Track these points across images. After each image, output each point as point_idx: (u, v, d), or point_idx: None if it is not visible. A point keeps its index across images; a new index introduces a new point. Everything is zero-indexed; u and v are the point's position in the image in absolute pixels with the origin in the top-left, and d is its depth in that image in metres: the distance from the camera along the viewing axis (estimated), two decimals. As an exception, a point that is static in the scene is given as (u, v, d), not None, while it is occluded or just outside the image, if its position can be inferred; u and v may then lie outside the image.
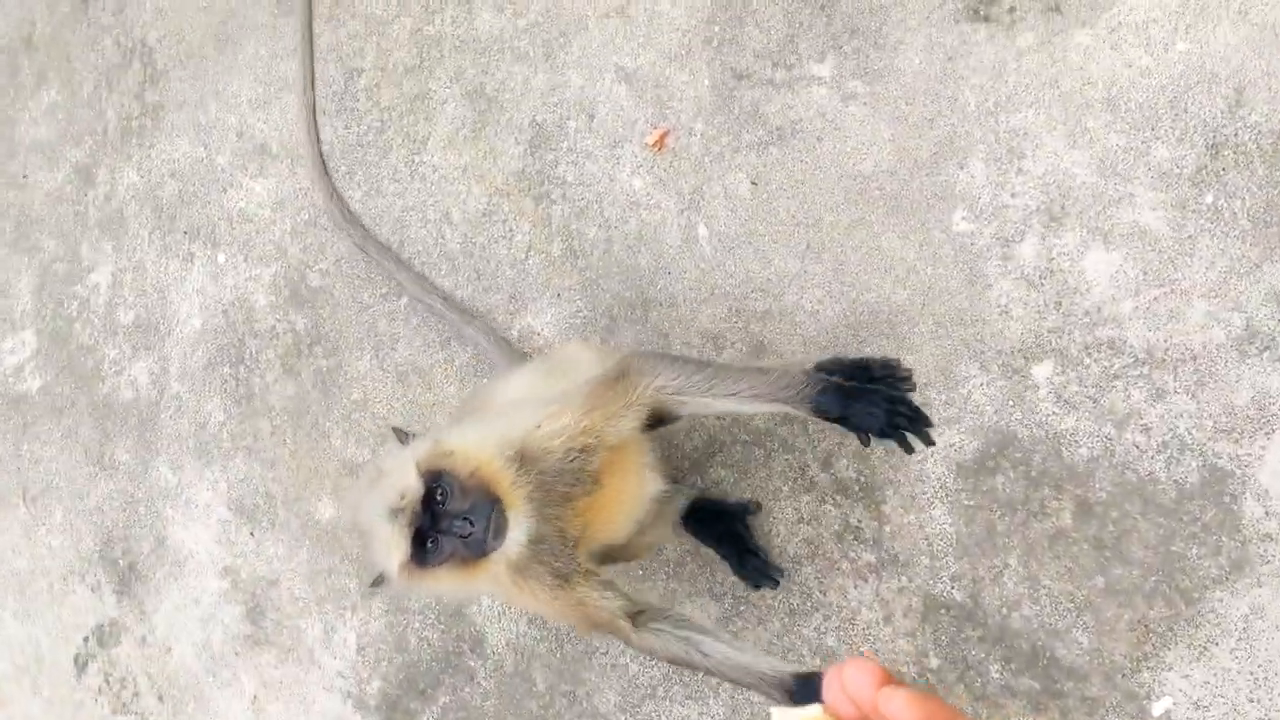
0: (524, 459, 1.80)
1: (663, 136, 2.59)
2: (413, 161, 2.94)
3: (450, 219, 2.88)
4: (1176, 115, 2.10)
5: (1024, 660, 2.20)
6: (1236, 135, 2.05)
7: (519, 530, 1.75)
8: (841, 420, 1.83)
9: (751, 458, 2.48)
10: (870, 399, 1.80)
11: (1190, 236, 2.08)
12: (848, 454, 2.37)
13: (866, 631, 2.34)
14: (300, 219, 3.11)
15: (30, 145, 3.73)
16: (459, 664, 2.82)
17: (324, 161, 3.04)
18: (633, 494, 2.05)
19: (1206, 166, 2.07)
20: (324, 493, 3.04)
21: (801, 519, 2.42)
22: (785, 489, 2.44)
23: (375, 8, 3.02)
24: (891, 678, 0.82)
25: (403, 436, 1.97)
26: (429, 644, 2.87)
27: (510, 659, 2.75)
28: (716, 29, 2.55)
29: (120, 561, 3.44)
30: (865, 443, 1.84)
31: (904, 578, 2.32)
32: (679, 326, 2.56)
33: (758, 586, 2.42)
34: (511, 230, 2.79)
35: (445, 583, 1.79)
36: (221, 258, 3.26)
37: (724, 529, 2.42)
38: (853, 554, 2.37)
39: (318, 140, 3.03)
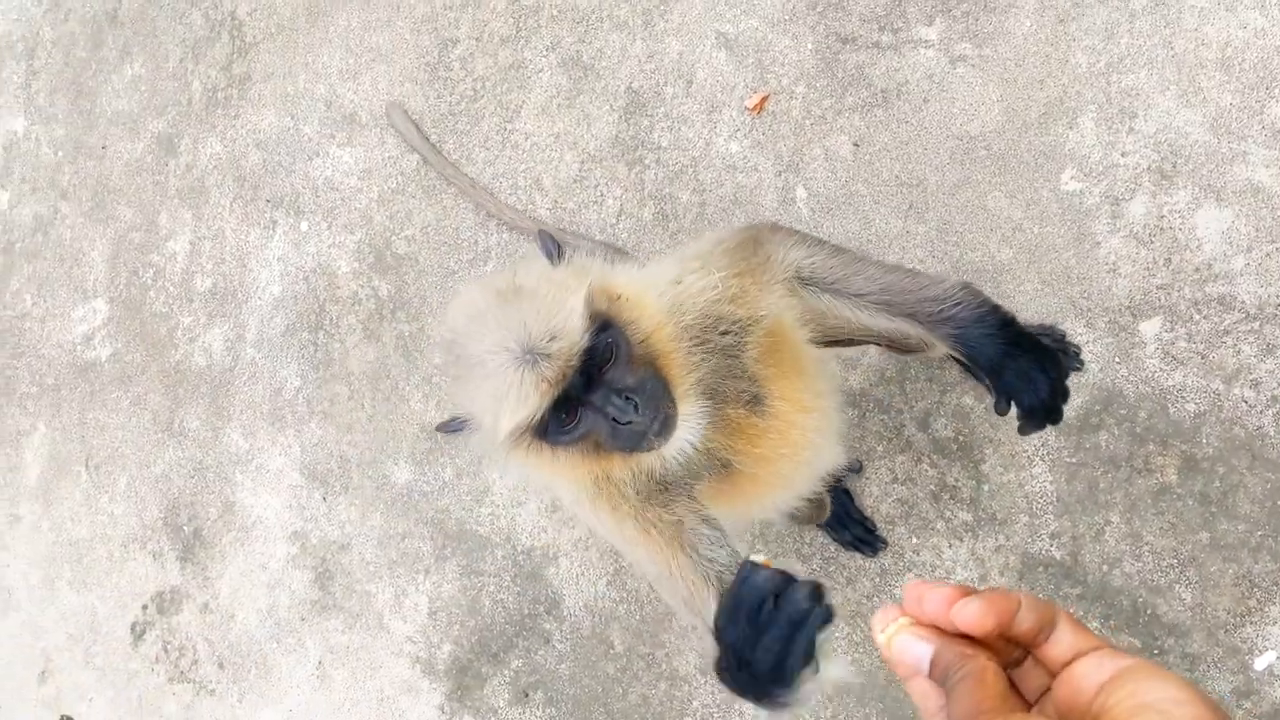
0: (681, 329, 1.42)
1: (763, 100, 2.62)
2: (505, 129, 2.97)
3: (541, 185, 2.91)
4: (1293, 74, 2.13)
5: (1124, 617, 2.18)
6: (1355, 93, 2.07)
7: (687, 433, 1.38)
8: (993, 372, 1.45)
9: (845, 419, 2.48)
10: (1037, 360, 1.43)
11: (1306, 192, 2.09)
12: (946, 413, 2.37)
13: (962, 591, 2.32)
14: (388, 186, 3.14)
15: (111, 117, 3.77)
16: (534, 626, 2.80)
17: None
18: (807, 449, 1.59)
19: (1323, 124, 2.09)
20: (400, 456, 3.04)
21: (896, 479, 2.41)
22: (880, 449, 2.43)
23: (472, -21, 3.08)
24: (964, 591, 0.85)
25: (552, 247, 1.45)
26: (504, 607, 2.85)
27: (588, 621, 2.73)
28: (822, -5, 2.59)
29: (185, 528, 3.43)
30: (1002, 410, 1.46)
31: (1001, 536, 2.31)
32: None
33: (856, 549, 2.40)
34: (603, 195, 2.81)
35: (558, 464, 1.40)
36: (305, 225, 3.29)
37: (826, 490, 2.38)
38: (948, 513, 2.36)
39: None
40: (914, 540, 2.39)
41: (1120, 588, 2.18)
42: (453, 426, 1.44)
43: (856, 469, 2.42)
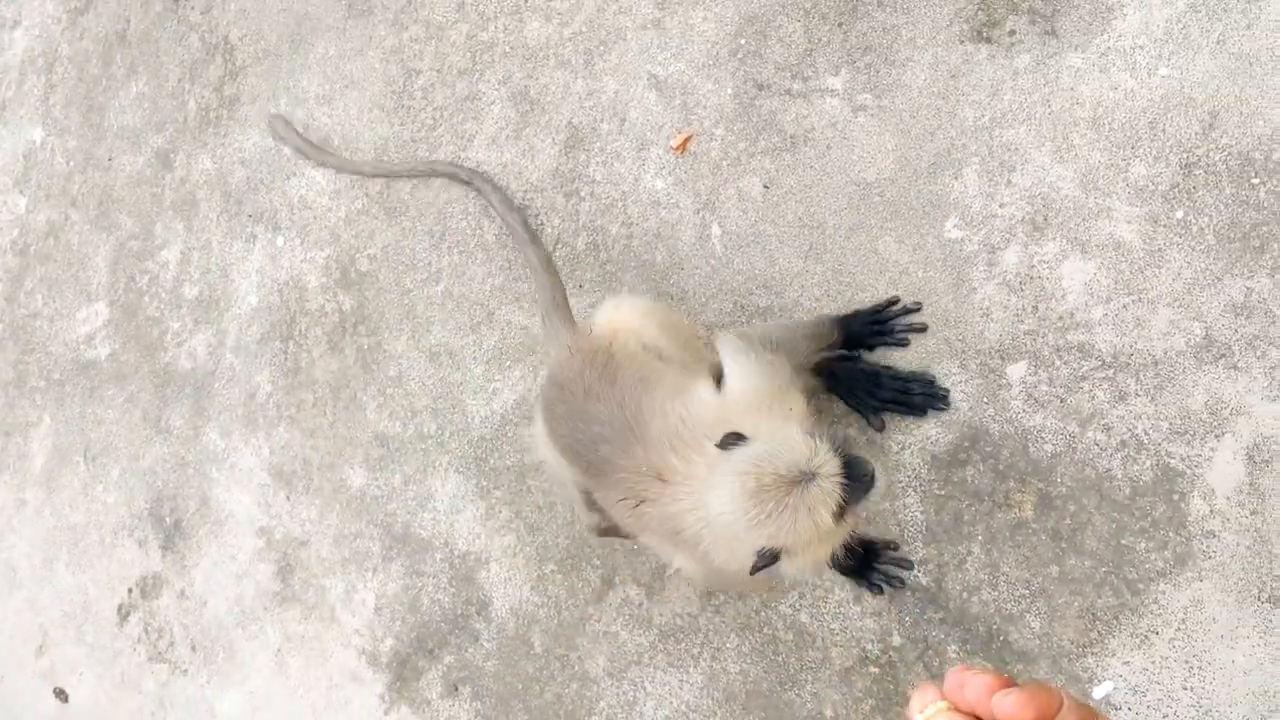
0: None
1: (686, 140, 2.78)
2: (459, 158, 3.16)
3: (489, 212, 3.09)
4: (1155, 135, 2.24)
5: (979, 641, 2.31)
6: (1208, 156, 2.18)
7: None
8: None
9: None
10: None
11: (1160, 249, 2.21)
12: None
13: (838, 609, 2.48)
14: (354, 207, 3.35)
15: (117, 131, 4.03)
16: (465, 626, 3.00)
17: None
18: None
19: (1179, 184, 2.20)
20: (356, 461, 3.25)
21: (789, 502, 2.56)
22: (776, 474, 2.58)
23: (436, 14, 3.27)
24: (1006, 682, 0.87)
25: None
26: (440, 606, 3.05)
27: (512, 623, 2.92)
28: (743, 42, 2.74)
29: (167, 519, 3.68)
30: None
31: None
32: (687, 319, 2.73)
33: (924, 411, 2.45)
34: (542, 223, 2.99)
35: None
36: (280, 241, 3.51)
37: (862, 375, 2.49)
38: (834, 538, 2.50)
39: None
40: (801, 561, 2.54)
41: (978, 614, 2.32)
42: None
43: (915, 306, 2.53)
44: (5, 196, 4.40)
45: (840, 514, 1.78)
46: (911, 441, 2.42)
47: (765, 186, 2.67)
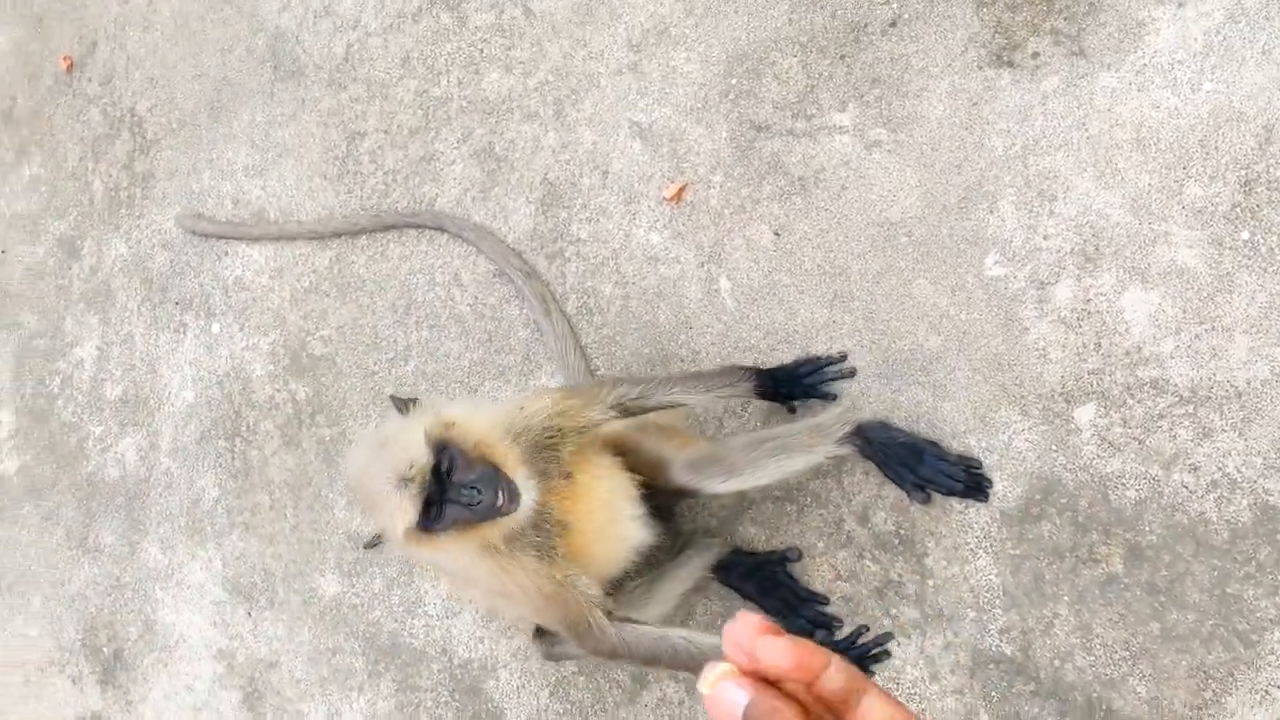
0: (510, 434, 1.97)
1: (681, 190, 2.57)
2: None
3: (460, 280, 2.83)
4: (1208, 154, 2.11)
5: (1080, 713, 2.13)
6: (1269, 171, 2.06)
7: (528, 495, 1.88)
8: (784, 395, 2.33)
9: (783, 513, 2.42)
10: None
11: (1228, 273, 2.07)
12: (885, 506, 2.32)
13: (912, 690, 2.27)
14: (301, 285, 3.04)
15: (10, 219, 3.63)
16: (476, 743, 2.69)
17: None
18: (607, 506, 2.13)
19: (1241, 203, 2.07)
20: (327, 567, 2.92)
21: (839, 575, 2.35)
22: (820, 545, 2.37)
23: (377, 71, 3.00)
24: (774, 629, 0.86)
25: (402, 406, 2.01)
26: (442, 723, 2.74)
27: (530, 735, 2.63)
28: (734, 82, 2.54)
29: (105, 649, 3.28)
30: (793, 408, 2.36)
31: (949, 633, 2.25)
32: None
33: (812, 634, 2.33)
34: (523, 289, 2.73)
35: (446, 548, 1.92)
36: (216, 328, 3.17)
37: (765, 579, 2.34)
38: (894, 610, 2.30)
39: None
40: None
41: (1074, 683, 2.13)
42: (374, 542, 2.00)
43: (794, 558, 2.36)
44: (-122, 300, 3.94)
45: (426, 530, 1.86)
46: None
47: (776, 234, 2.47)
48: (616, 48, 2.69)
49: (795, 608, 2.33)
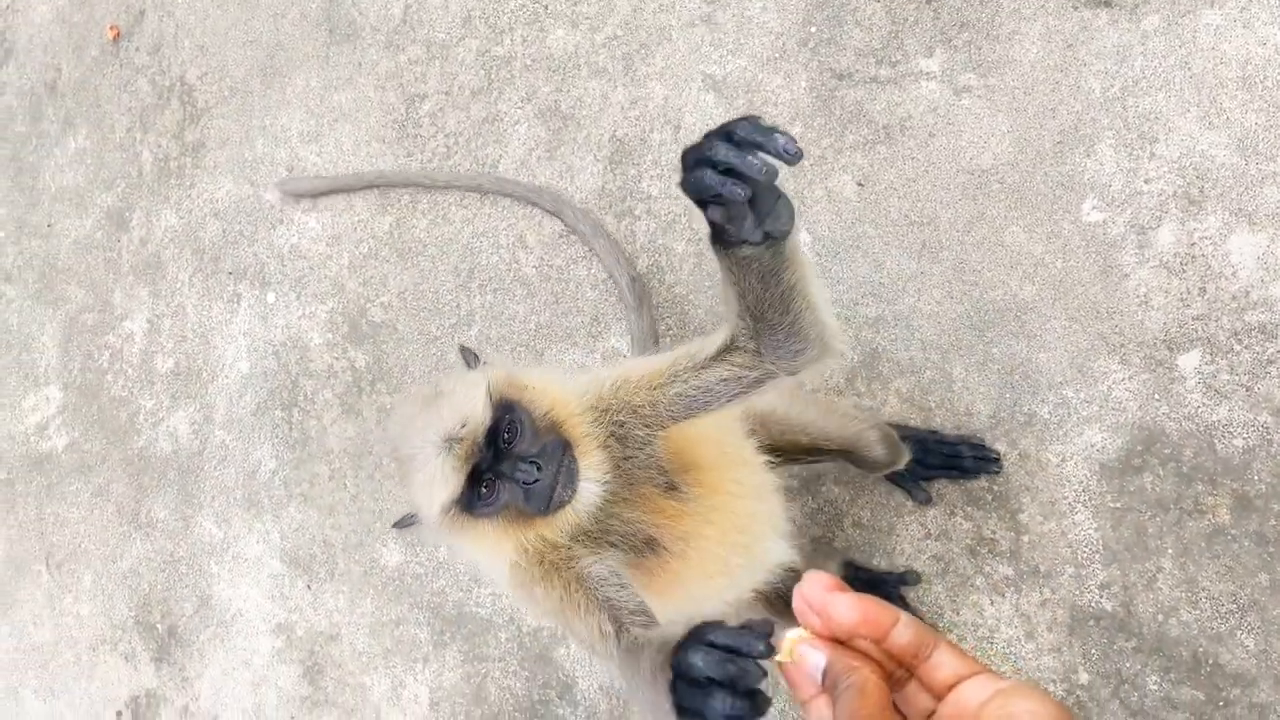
0: (598, 411, 1.54)
1: (758, 143, 2.49)
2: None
3: (525, 242, 2.76)
4: (1319, 89, 2.04)
5: (1185, 669, 2.05)
6: (1387, 106, 1.99)
7: (593, 484, 1.47)
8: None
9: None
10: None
11: (1344, 212, 2.00)
12: (978, 461, 2.24)
13: (1007, 649, 2.19)
14: (359, 251, 2.98)
15: (56, 193, 3.58)
16: (546, 713, 2.62)
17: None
18: (736, 533, 1.68)
19: (1356, 139, 2.00)
20: (389, 537, 2.86)
21: (929, 534, 2.28)
22: (909, 503, 2.30)
23: (438, 32, 2.93)
24: (841, 585, 0.90)
25: (470, 359, 1.66)
26: (511, 694, 2.67)
27: (604, 704, 2.56)
28: (813, 30, 2.47)
29: (159, 626, 3.22)
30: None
31: (1046, 590, 2.18)
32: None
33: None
34: (592, 248, 2.67)
35: (487, 539, 1.51)
36: (271, 297, 3.11)
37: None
38: (988, 568, 2.22)
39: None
40: (953, 599, 2.25)
41: (1178, 638, 2.06)
42: (406, 521, 1.58)
43: (911, 581, 2.28)
44: (-79, 279, 3.89)
45: (466, 507, 1.47)
46: (1073, 451, 2.16)
47: (859, 184, 2.40)
48: (688, -1, 2.62)
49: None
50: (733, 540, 1.67)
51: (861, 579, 2.28)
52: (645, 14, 2.68)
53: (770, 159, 1.17)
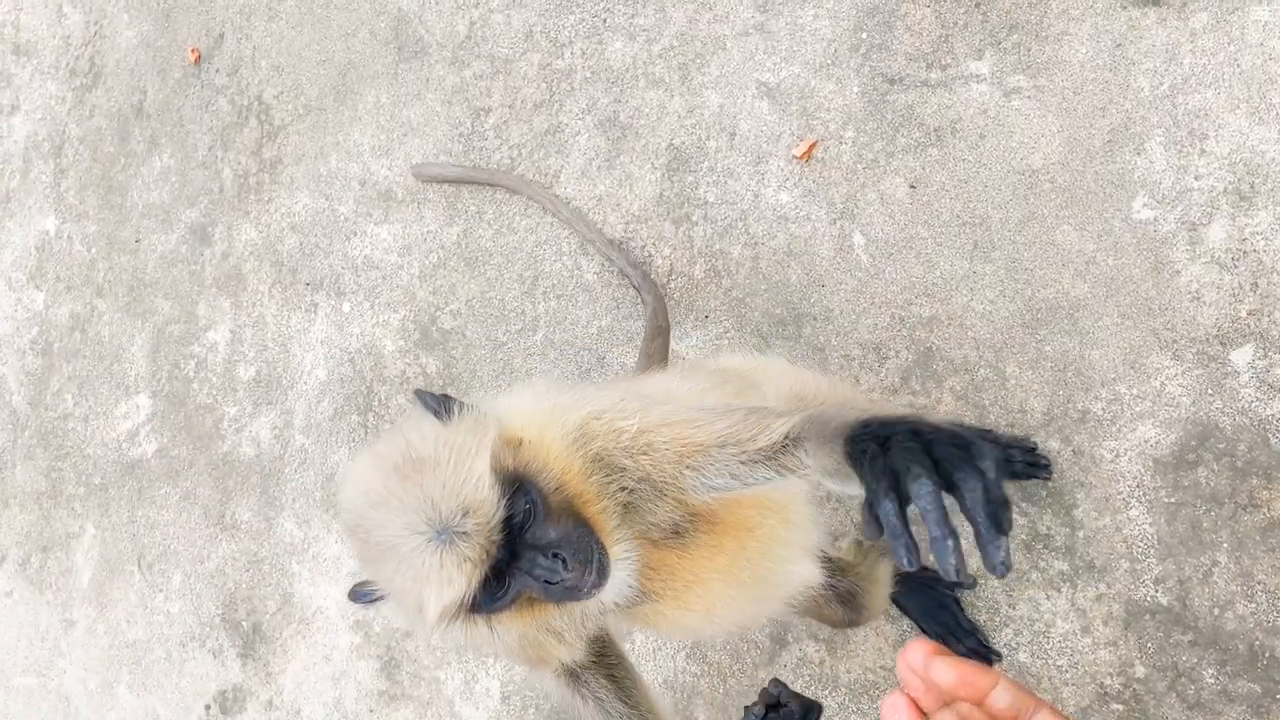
0: (595, 461, 1.32)
1: (811, 147, 2.55)
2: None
3: (586, 250, 2.84)
4: (1371, 83, 2.04)
5: (1241, 662, 2.06)
6: None
7: (624, 573, 1.29)
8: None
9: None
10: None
11: (1398, 204, 2.00)
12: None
13: (1063, 643, 2.22)
14: (429, 261, 3.09)
15: (143, 210, 3.75)
16: (614, 706, 2.70)
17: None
18: (754, 561, 1.47)
19: None
20: (461, 536, 2.96)
21: (984, 529, 2.31)
22: (964, 499, 2.33)
23: (501, 47, 3.03)
24: (942, 650, 0.94)
25: (435, 405, 1.34)
26: (580, 687, 2.75)
27: (668, 698, 2.63)
28: (864, 35, 2.52)
29: (244, 623, 3.36)
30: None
31: (1102, 584, 2.20)
32: (836, 339, 2.49)
33: None
34: (651, 254, 2.74)
35: (495, 628, 1.31)
36: (346, 306, 3.24)
37: (933, 601, 2.29)
38: (1043, 563, 2.25)
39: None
40: (1009, 594, 2.28)
41: (1235, 631, 2.07)
42: (366, 596, 1.35)
43: (970, 585, 2.31)
44: (19, 294, 4.09)
45: (475, 608, 1.24)
46: (1127, 447, 2.18)
47: (912, 186, 2.44)
48: (743, 8, 2.68)
49: (957, 636, 2.27)
50: (745, 577, 1.47)
51: (917, 578, 2.32)
52: (700, 25, 2.74)
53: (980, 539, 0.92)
